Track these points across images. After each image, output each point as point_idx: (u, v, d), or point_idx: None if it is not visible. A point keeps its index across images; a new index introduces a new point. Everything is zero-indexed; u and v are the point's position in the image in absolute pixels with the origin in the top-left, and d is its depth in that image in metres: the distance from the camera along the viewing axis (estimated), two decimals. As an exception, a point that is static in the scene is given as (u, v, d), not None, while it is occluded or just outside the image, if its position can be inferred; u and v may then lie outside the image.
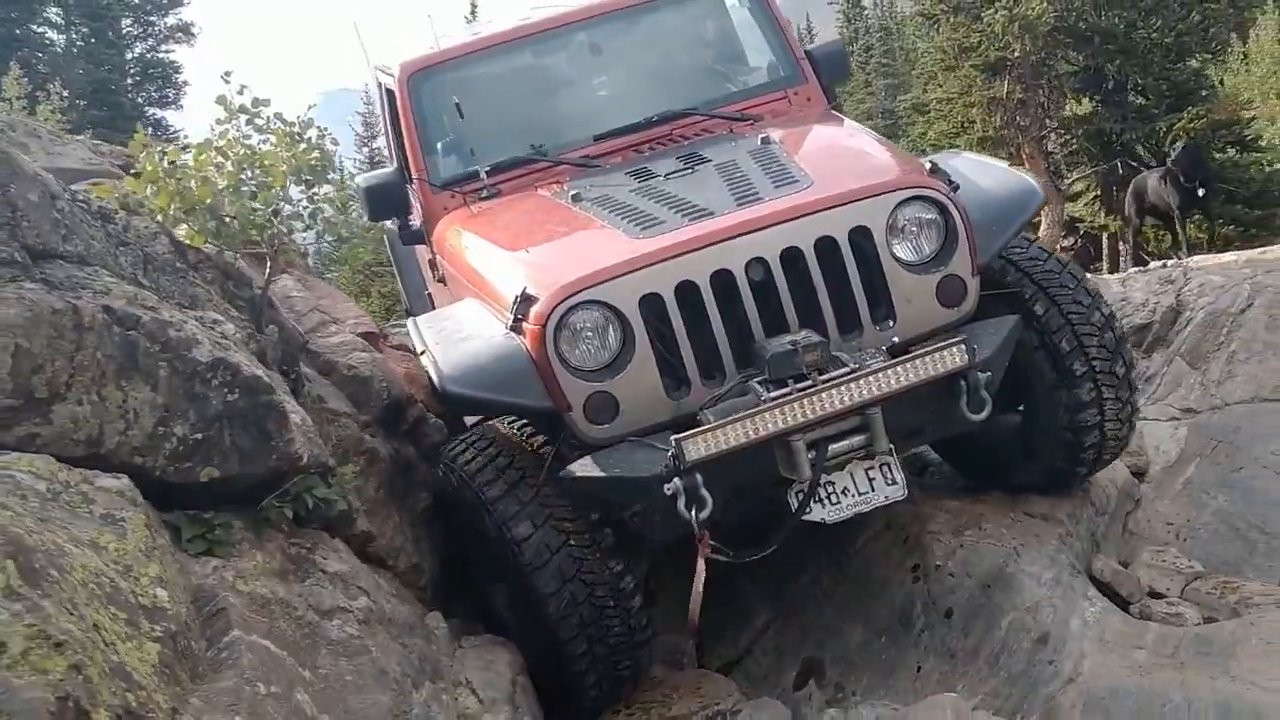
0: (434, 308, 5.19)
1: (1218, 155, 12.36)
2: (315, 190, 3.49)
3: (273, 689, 2.23)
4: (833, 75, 4.73)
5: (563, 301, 3.22)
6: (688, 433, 3.00)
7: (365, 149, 24.83)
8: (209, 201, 3.26)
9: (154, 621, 1.88)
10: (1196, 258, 6.16)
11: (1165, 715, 3.14)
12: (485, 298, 3.65)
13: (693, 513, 2.99)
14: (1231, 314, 5.05)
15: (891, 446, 3.18)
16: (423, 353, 3.48)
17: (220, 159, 3.35)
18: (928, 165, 3.60)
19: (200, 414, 2.58)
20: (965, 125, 13.57)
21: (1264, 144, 14.33)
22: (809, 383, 3.12)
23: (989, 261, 3.60)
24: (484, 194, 4.24)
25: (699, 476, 2.99)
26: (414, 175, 4.48)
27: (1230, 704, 3.07)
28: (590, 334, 3.24)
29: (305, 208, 3.54)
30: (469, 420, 4.26)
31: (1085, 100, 13.46)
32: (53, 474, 2.10)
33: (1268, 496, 3.68)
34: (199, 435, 2.57)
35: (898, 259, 3.39)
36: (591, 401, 3.24)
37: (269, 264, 3.54)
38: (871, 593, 3.88)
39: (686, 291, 3.25)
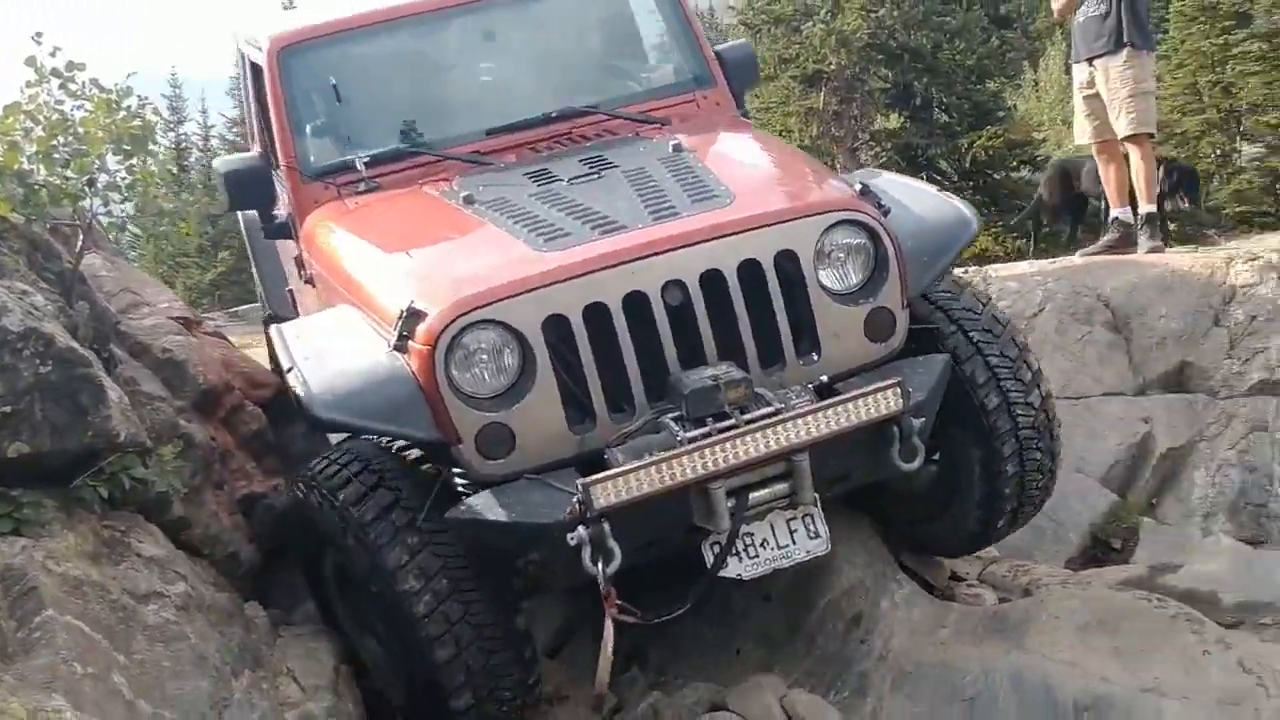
0: (296, 309, 4.83)
1: (1012, 175, 13.17)
2: (135, 161, 3.31)
3: (89, 669, 2.15)
4: (743, 79, 4.45)
5: (456, 320, 2.88)
6: (595, 476, 2.69)
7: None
8: (16, 168, 3.08)
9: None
10: (995, 266, 6.52)
11: (964, 687, 3.36)
12: (363, 307, 3.28)
13: (599, 566, 2.69)
14: (1025, 317, 5.39)
15: (816, 496, 2.95)
16: (290, 369, 3.04)
17: (30, 124, 3.16)
18: (857, 186, 3.33)
19: (9, 385, 2.45)
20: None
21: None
22: (731, 423, 2.85)
23: (917, 295, 3.36)
24: (361, 187, 3.85)
25: (606, 526, 2.69)
26: (281, 162, 4.05)
27: (1022, 673, 3.30)
28: (485, 357, 2.92)
29: (123, 179, 3.36)
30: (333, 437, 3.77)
31: (895, 115, 14.10)
32: None
33: (1058, 488, 3.95)
34: (8, 408, 2.44)
35: (824, 288, 3.14)
36: (484, 434, 2.91)
37: (81, 236, 3.38)
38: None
39: (595, 314, 2.94)
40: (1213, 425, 4.89)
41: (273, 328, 3.43)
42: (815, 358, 3.13)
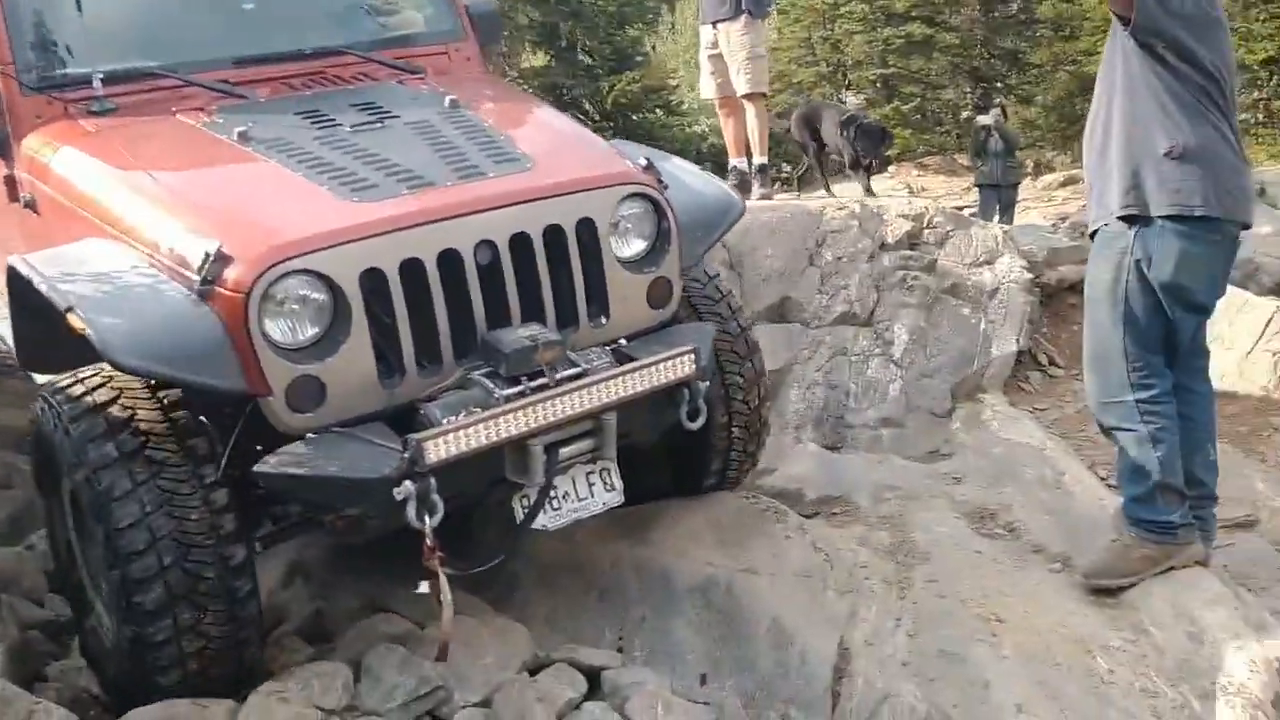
0: None
1: (649, 116, 14.07)
2: None
3: None
4: (488, 36, 4.45)
5: (271, 267, 2.79)
6: (426, 433, 2.75)
7: None
8: None
9: None
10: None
11: (597, 579, 3.87)
12: (132, 241, 3.09)
13: (425, 520, 2.76)
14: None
15: (614, 452, 3.10)
16: (69, 309, 2.80)
17: None
18: (642, 161, 3.47)
19: None
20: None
21: (685, 108, 16.46)
22: (544, 382, 2.97)
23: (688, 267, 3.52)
24: (95, 107, 3.59)
25: (432, 481, 2.75)
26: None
27: (644, 564, 3.87)
28: (297, 308, 2.85)
29: None
30: None
31: (541, 53, 14.60)
32: None
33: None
34: None
35: (615, 255, 3.28)
36: (295, 386, 2.83)
37: None
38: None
39: (410, 270, 2.94)
40: (805, 350, 5.72)
41: (15, 259, 3.11)
42: (604, 321, 3.28)
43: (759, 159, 7.19)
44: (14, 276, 3.09)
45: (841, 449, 5.32)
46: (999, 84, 19.13)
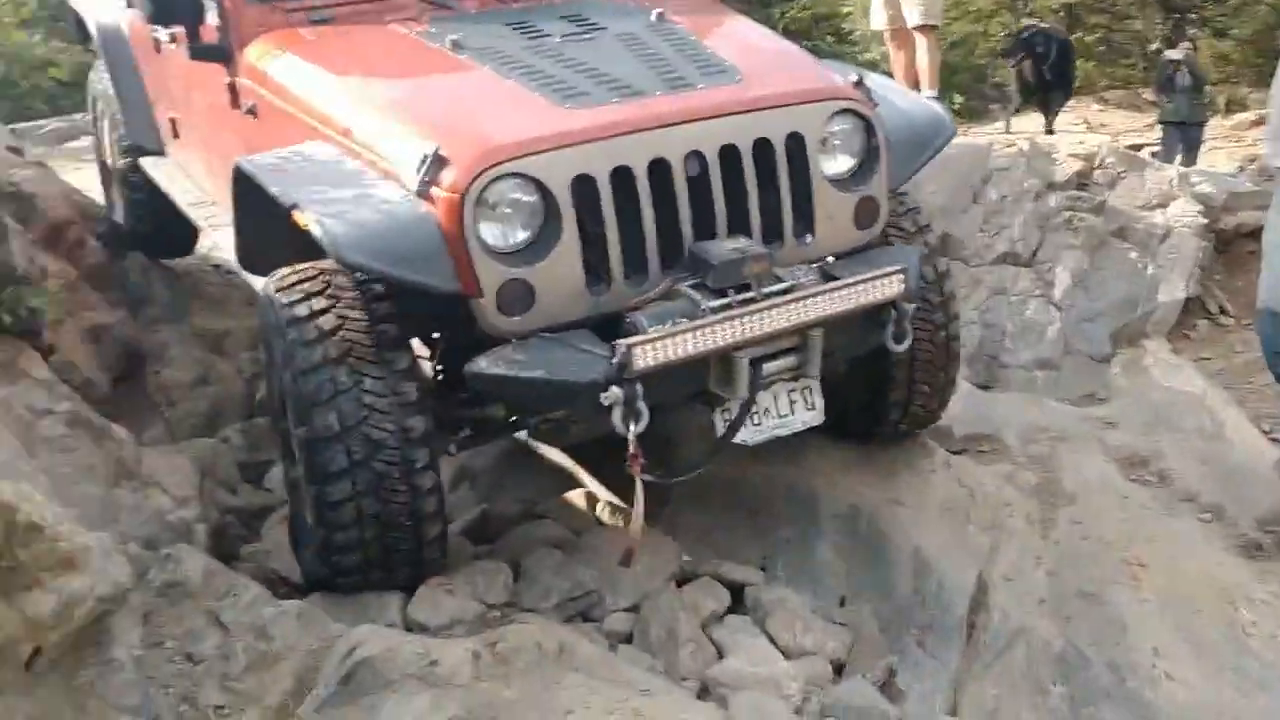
0: (174, 135, 4.77)
1: (819, 44, 13.87)
2: None
3: (22, 469, 2.52)
4: None
5: (487, 170, 2.82)
6: (637, 339, 2.76)
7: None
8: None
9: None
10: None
11: (746, 500, 4.02)
12: (351, 144, 3.16)
13: (630, 426, 2.78)
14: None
15: (818, 370, 3.07)
16: (294, 206, 2.89)
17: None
18: (853, 77, 3.40)
19: (-72, 222, 2.72)
20: None
21: (855, 36, 16.14)
22: (750, 295, 2.94)
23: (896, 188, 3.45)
24: (313, 16, 3.71)
25: (639, 387, 2.75)
26: None
27: (795, 486, 4.00)
28: (510, 211, 2.88)
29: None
30: None
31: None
32: None
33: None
34: (-74, 242, 2.71)
35: (823, 173, 3.22)
36: (506, 289, 2.86)
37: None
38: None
39: (620, 178, 2.93)
40: (963, 289, 5.72)
41: (243, 160, 3.19)
42: (809, 239, 3.21)
43: (929, 91, 7.09)
44: (239, 177, 3.19)
45: (993, 388, 5.32)
46: (1192, 15, 18.06)
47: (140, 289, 5.52)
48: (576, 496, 4.06)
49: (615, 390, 2.75)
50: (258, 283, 3.37)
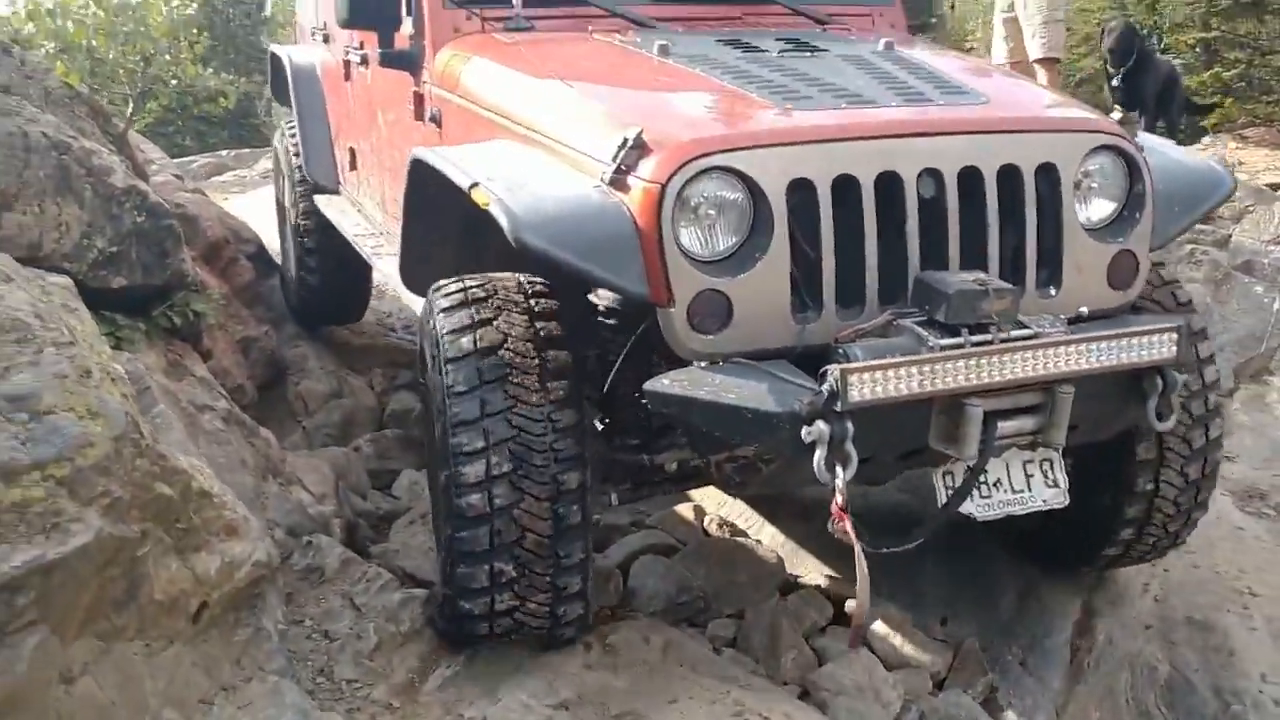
0: (353, 169, 4.68)
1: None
2: (182, 42, 3.83)
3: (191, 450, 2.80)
4: (914, 7, 4.16)
5: (692, 160, 2.46)
6: (853, 365, 2.31)
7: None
8: (83, 42, 3.58)
9: (120, 383, 2.41)
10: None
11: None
12: (542, 140, 2.87)
13: (836, 471, 2.29)
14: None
15: (1064, 440, 2.52)
16: (474, 185, 2.61)
17: (94, 6, 3.66)
18: (1116, 115, 3.07)
19: (116, 230, 3.06)
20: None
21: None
22: (988, 337, 2.45)
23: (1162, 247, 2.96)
24: (511, 24, 3.50)
25: (850, 426, 2.28)
26: None
27: (898, 504, 4.08)
28: (714, 212, 2.51)
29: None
30: None
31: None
32: (14, 269, 2.55)
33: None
34: (114, 249, 3.05)
35: (1078, 216, 2.76)
36: (701, 300, 2.47)
37: (131, 105, 3.91)
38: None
39: (843, 188, 2.55)
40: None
41: (421, 149, 3.00)
42: (1053, 291, 2.74)
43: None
44: (416, 169, 2.96)
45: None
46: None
47: (283, 307, 5.91)
48: (685, 509, 4.22)
49: (821, 425, 2.28)
50: (418, 304, 3.13)
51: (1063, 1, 7.09)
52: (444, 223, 2.97)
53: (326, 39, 5.06)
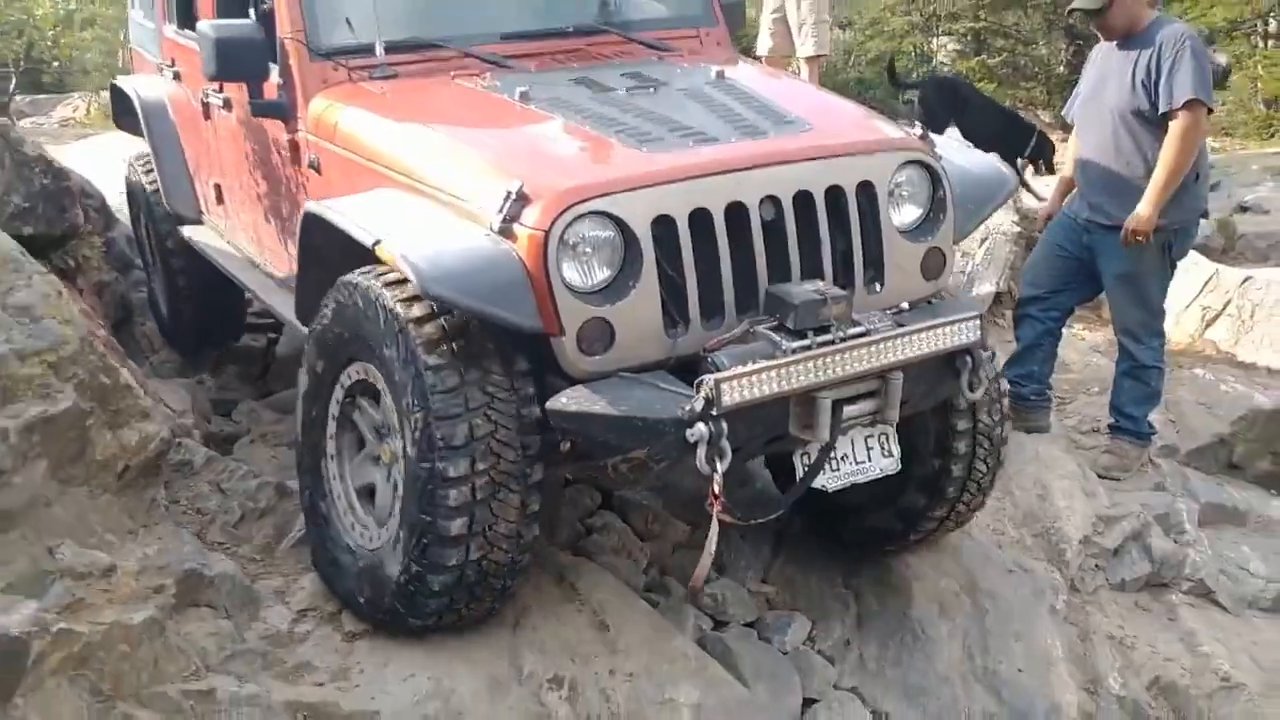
0: (220, 203, 4.84)
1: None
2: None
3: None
4: (733, 23, 4.55)
5: (570, 208, 2.83)
6: (724, 374, 2.74)
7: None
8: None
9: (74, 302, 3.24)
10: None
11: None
12: (424, 188, 3.21)
13: (714, 465, 2.73)
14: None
15: (895, 416, 3.04)
16: (378, 242, 2.94)
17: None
18: (917, 131, 3.49)
19: (28, 190, 3.83)
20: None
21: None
22: (829, 337, 2.93)
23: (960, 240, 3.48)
24: (376, 73, 3.73)
25: (724, 425, 2.71)
26: (287, 34, 3.79)
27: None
28: (591, 250, 2.89)
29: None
30: None
31: None
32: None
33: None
34: (26, 205, 3.83)
35: (893, 222, 3.27)
36: (587, 328, 2.86)
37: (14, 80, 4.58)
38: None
39: (698, 219, 2.97)
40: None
41: (314, 204, 3.30)
42: (879, 288, 3.26)
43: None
44: (310, 221, 3.29)
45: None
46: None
47: (127, 257, 6.55)
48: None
49: (701, 427, 2.70)
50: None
51: (828, 4, 7.83)
52: (335, 263, 3.23)
53: (178, 76, 5.11)
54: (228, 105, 4.35)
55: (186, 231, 5.07)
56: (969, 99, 8.39)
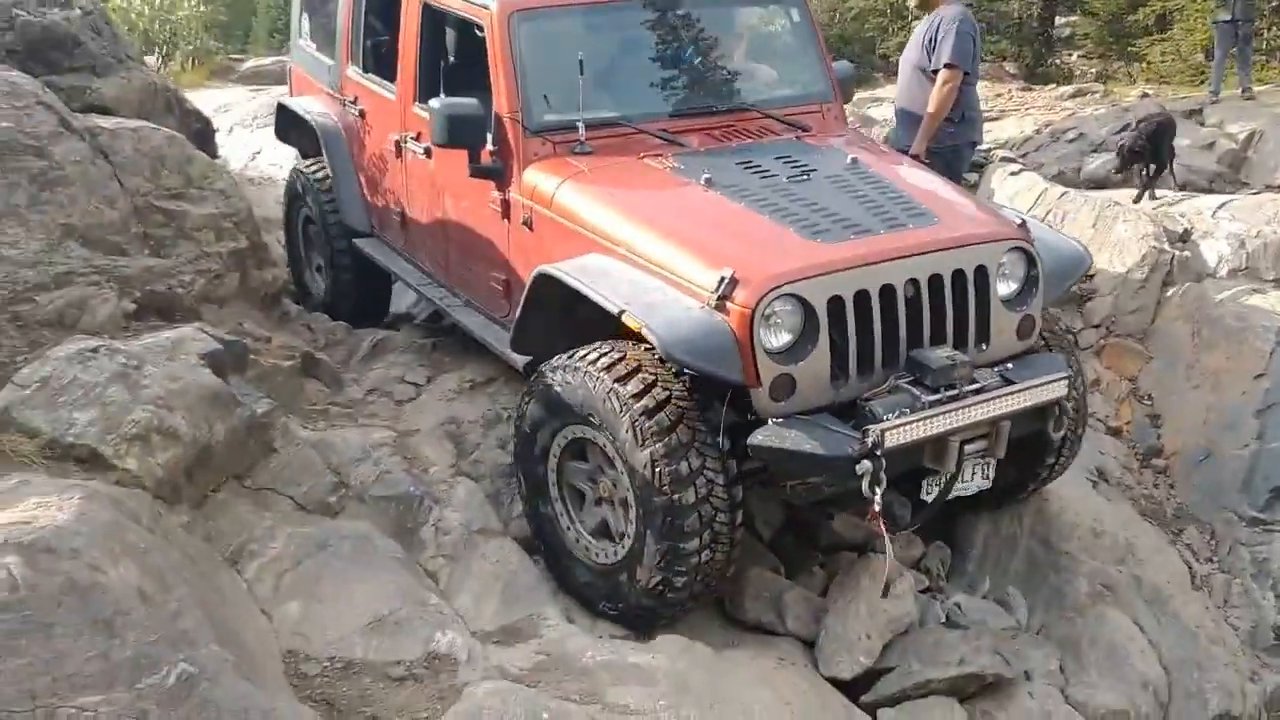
0: (402, 224, 5.53)
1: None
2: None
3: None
4: (847, 95, 5.39)
5: (770, 291, 3.62)
6: (888, 424, 3.53)
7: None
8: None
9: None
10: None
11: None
12: (636, 259, 3.96)
13: (875, 492, 3.49)
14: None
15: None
16: (623, 311, 3.71)
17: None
18: (1017, 220, 4.26)
19: (188, 133, 6.00)
20: None
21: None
22: (955, 393, 3.71)
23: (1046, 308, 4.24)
24: (576, 149, 4.46)
25: (883, 461, 3.48)
26: (505, 113, 4.53)
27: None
28: (781, 322, 3.67)
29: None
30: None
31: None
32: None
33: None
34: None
35: (999, 295, 4.02)
36: (777, 381, 3.64)
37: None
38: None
39: (859, 298, 3.73)
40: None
41: (548, 267, 4.09)
42: (984, 347, 4.01)
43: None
44: (541, 279, 4.11)
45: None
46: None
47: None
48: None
49: (867, 463, 3.49)
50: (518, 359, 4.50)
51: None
52: (564, 310, 4.14)
53: (362, 114, 5.76)
54: (428, 153, 5.07)
55: (359, 243, 5.93)
56: None
